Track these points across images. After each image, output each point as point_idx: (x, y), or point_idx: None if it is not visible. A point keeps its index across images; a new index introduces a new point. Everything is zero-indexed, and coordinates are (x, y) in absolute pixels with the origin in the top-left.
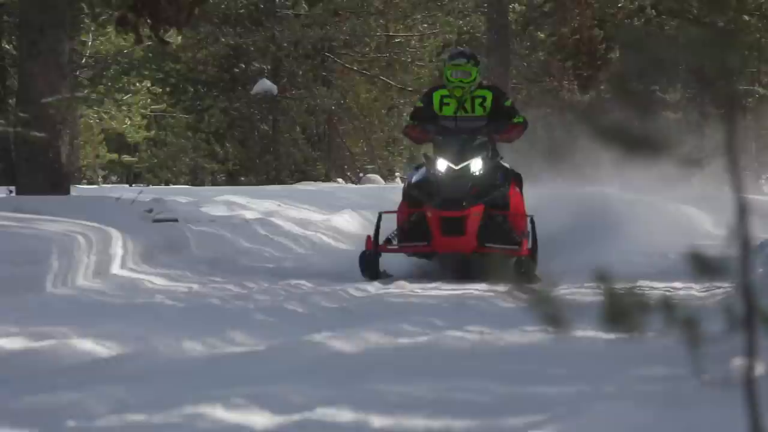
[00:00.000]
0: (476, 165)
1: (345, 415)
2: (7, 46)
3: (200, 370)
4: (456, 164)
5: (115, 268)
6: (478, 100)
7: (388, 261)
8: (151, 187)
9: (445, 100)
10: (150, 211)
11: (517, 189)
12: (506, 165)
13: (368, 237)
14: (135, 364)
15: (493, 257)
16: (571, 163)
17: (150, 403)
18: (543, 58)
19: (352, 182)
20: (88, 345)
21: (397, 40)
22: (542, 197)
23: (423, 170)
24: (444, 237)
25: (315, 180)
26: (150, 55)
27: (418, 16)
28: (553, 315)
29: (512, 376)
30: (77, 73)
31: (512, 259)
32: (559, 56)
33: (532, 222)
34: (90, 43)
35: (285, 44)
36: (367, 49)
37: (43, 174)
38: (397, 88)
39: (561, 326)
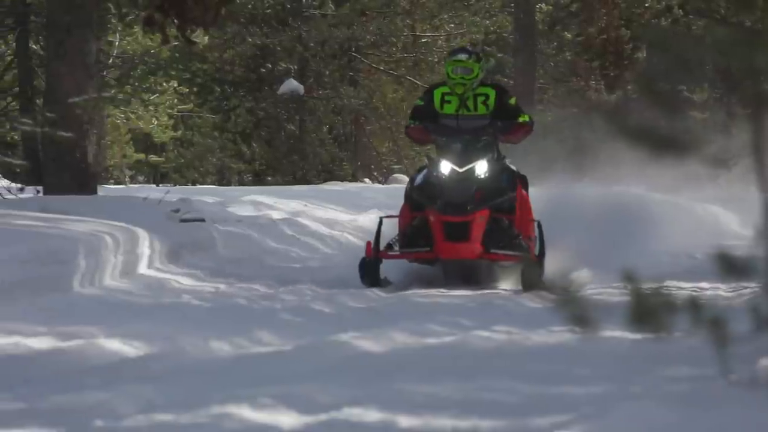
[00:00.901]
0: (481, 167)
1: (372, 415)
2: (34, 47)
3: (227, 370)
4: (460, 166)
5: (142, 268)
6: (480, 98)
7: (388, 267)
8: (177, 187)
9: (447, 98)
10: (177, 211)
11: (524, 192)
12: (512, 167)
13: (368, 243)
14: (162, 364)
15: (499, 264)
16: (597, 163)
17: (177, 403)
18: (569, 58)
19: (379, 182)
20: (115, 345)
21: (423, 40)
22: (568, 197)
23: (426, 172)
24: (447, 243)
25: (341, 180)
26: (177, 55)
27: (445, 16)
28: (580, 315)
29: (539, 376)
30: (104, 73)
31: (518, 266)
32: (586, 56)
33: (540, 226)
34: (117, 43)
35: (312, 44)
36: (394, 49)
37: (70, 174)
38: (423, 88)
39: (588, 326)
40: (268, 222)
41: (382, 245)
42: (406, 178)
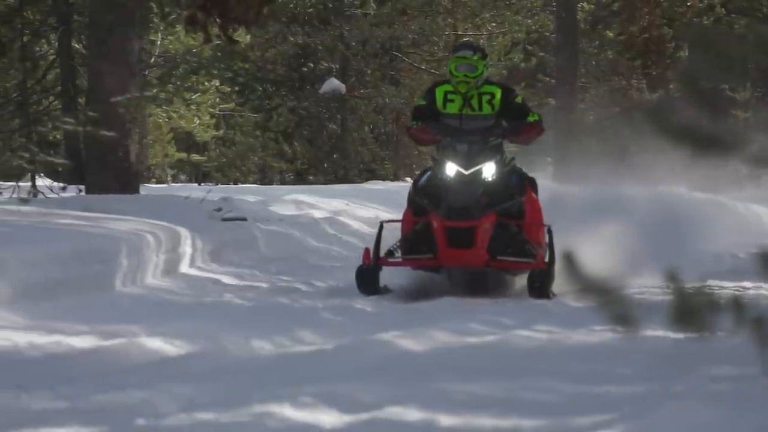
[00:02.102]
0: (489, 170)
1: (413, 414)
2: (76, 46)
3: (269, 369)
4: (466, 168)
5: (184, 267)
6: (485, 97)
7: (389, 275)
8: (219, 186)
9: (449, 97)
10: (219, 210)
11: (534, 195)
12: (521, 169)
13: (365, 249)
14: (203, 363)
15: (507, 272)
16: (639, 163)
17: (218, 402)
18: (611, 56)
19: None
20: (157, 344)
21: (465, 39)
22: (610, 197)
23: (430, 174)
24: (451, 249)
25: (383, 179)
26: (219, 54)
27: (487, 15)
28: (622, 314)
29: (580, 376)
30: (146, 72)
31: (526, 273)
32: (628, 55)
33: (550, 232)
34: (159, 42)
35: (353, 43)
36: (435, 48)
37: (113, 173)
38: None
39: (630, 326)
40: (309, 221)
41: (383, 251)
42: None
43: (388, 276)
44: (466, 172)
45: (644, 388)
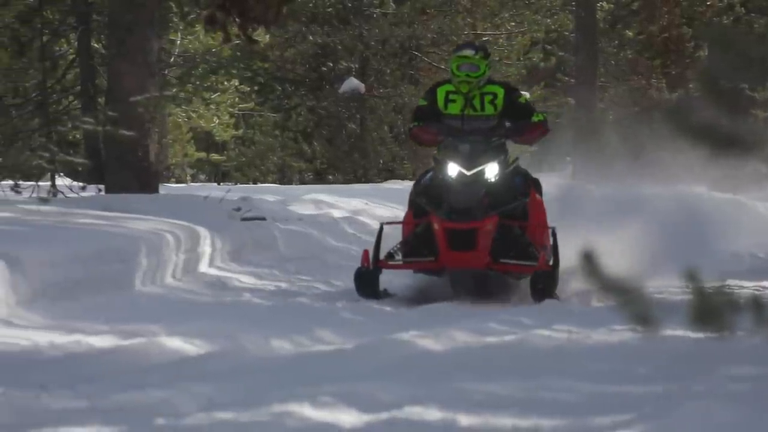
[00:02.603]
0: (491, 170)
1: (433, 414)
2: (96, 45)
3: (288, 368)
4: (468, 169)
5: (204, 267)
6: (488, 98)
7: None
8: (238, 185)
9: (451, 97)
10: (238, 209)
11: (538, 197)
12: (525, 169)
13: (364, 252)
14: (223, 363)
15: (510, 275)
16: (658, 162)
17: (238, 401)
18: (631, 56)
19: None
20: (176, 343)
21: (484, 39)
22: (629, 197)
23: (431, 175)
24: (452, 251)
25: (402, 178)
26: (238, 53)
27: (506, 15)
28: (642, 314)
29: (600, 376)
30: (165, 71)
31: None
32: (647, 54)
33: (554, 234)
34: (178, 41)
35: (372, 43)
36: (455, 47)
37: (132, 172)
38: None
39: (649, 325)
40: (329, 220)
41: (383, 254)
42: None
43: (388, 279)
44: (468, 173)
45: (663, 387)
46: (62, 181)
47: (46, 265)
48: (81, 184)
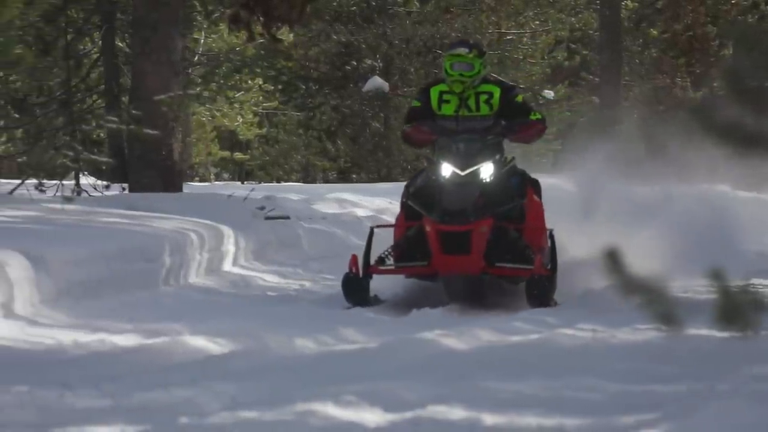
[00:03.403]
0: (486, 170)
1: (457, 413)
2: (120, 44)
3: (312, 367)
4: (462, 169)
5: (227, 266)
6: (483, 97)
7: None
8: (262, 184)
9: (445, 97)
10: (262, 208)
11: (537, 198)
12: (522, 169)
13: (353, 257)
14: (246, 361)
15: (507, 279)
16: (683, 161)
17: (262, 400)
18: (655, 55)
19: None
20: (200, 342)
21: (508, 37)
22: (653, 195)
23: (424, 176)
24: (445, 255)
25: None
26: (262, 52)
27: (530, 13)
28: (666, 313)
29: (624, 375)
30: (189, 70)
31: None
32: (672, 53)
33: (552, 237)
34: (202, 40)
35: (396, 41)
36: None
37: (156, 171)
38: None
39: (674, 324)
40: (352, 219)
41: (374, 258)
42: None
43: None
44: (463, 173)
45: (688, 387)
46: (86, 180)
47: (70, 264)
48: (105, 183)
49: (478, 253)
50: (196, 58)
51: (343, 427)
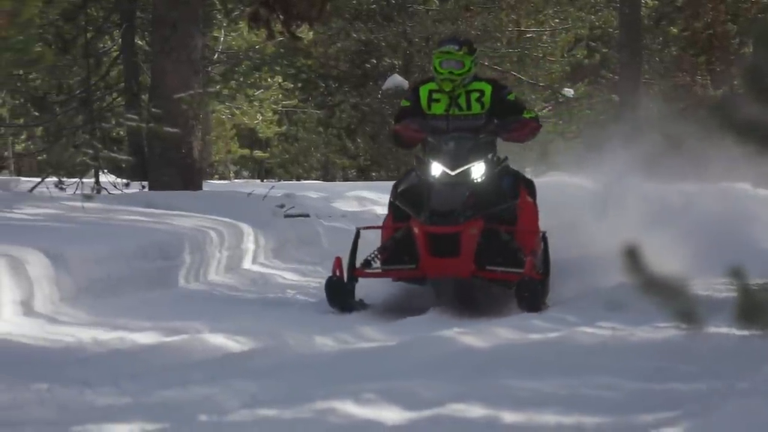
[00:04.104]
0: (478, 170)
1: (476, 411)
2: (140, 42)
3: (331, 365)
4: (452, 169)
5: (247, 264)
6: (474, 95)
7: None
8: (282, 182)
9: (435, 96)
10: (281, 206)
11: (530, 199)
12: (515, 169)
13: (336, 259)
14: (266, 359)
15: (498, 284)
16: (703, 159)
17: (281, 398)
18: (675, 53)
19: None
20: (219, 340)
21: (528, 35)
22: (674, 194)
23: (412, 176)
24: (433, 258)
25: None
26: (281, 50)
27: (550, 11)
28: (686, 311)
29: (644, 373)
30: (209, 68)
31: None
32: (692, 51)
33: (545, 239)
34: (222, 38)
35: (416, 40)
36: (498, 44)
37: (176, 169)
38: (528, 84)
39: (694, 323)
40: (372, 217)
41: (360, 261)
42: None
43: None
44: (452, 173)
45: (708, 385)
46: (106, 178)
47: (89, 262)
48: (125, 181)
49: (468, 256)
50: (215, 56)
51: (362, 425)
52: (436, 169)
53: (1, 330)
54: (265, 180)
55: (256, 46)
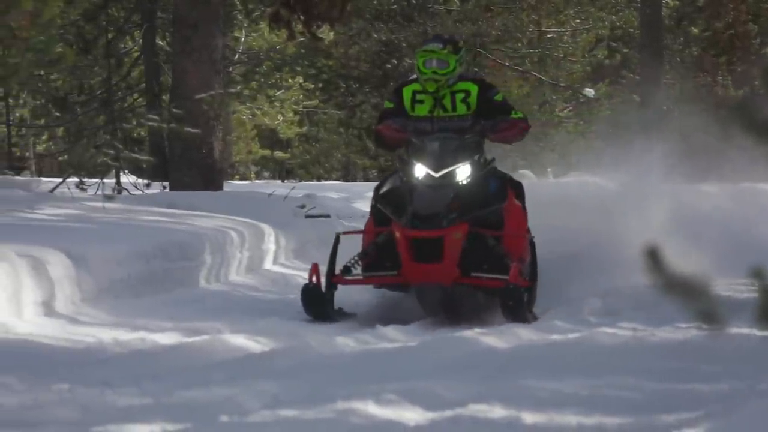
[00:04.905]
0: (463, 172)
1: (497, 412)
2: (161, 43)
3: (352, 366)
4: (436, 170)
5: (268, 264)
6: (459, 96)
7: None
8: (302, 182)
9: (418, 97)
10: (302, 206)
11: (518, 202)
12: (503, 172)
13: (313, 266)
14: (287, 360)
15: (483, 291)
16: (724, 160)
17: (302, 399)
18: (696, 53)
19: None
20: (240, 340)
21: (549, 36)
22: (695, 195)
23: (394, 177)
24: (415, 263)
25: None
26: (302, 51)
27: (571, 12)
28: (708, 312)
29: (665, 374)
30: (230, 69)
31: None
32: (713, 51)
33: (533, 245)
34: (243, 39)
35: None
36: (519, 44)
37: (197, 170)
38: (549, 84)
39: (715, 323)
40: None
41: (339, 268)
42: (531, 174)
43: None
44: (437, 175)
45: (729, 386)
46: (127, 179)
47: (110, 263)
48: (145, 181)
49: (452, 262)
50: (236, 56)
51: (383, 425)
52: (420, 170)
53: (23, 330)
54: (285, 180)
55: (277, 47)
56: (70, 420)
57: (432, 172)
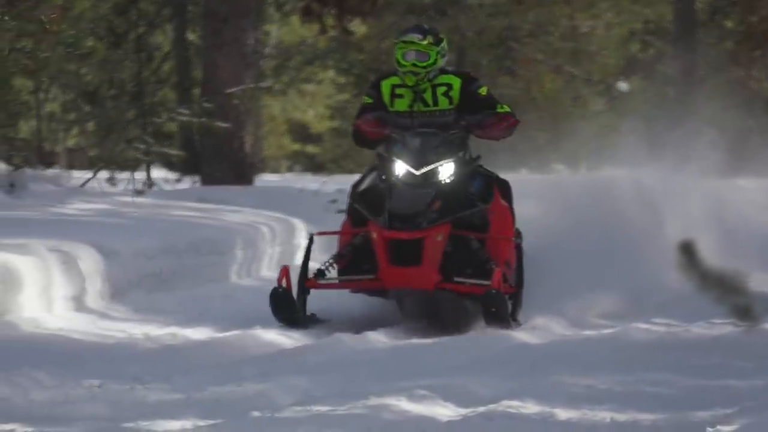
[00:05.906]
0: (446, 170)
1: (530, 407)
2: (191, 37)
3: (385, 362)
4: (417, 168)
5: (299, 259)
6: (441, 89)
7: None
8: (334, 177)
9: (398, 91)
10: (334, 201)
11: (504, 202)
12: (488, 170)
13: (283, 268)
14: (319, 355)
15: (467, 297)
16: (759, 154)
17: (334, 394)
18: (730, 47)
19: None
20: (272, 336)
21: (582, 30)
22: (728, 190)
23: (373, 175)
24: (393, 267)
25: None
26: (334, 45)
27: (604, 5)
28: (743, 307)
29: (699, 369)
30: (261, 63)
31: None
32: (748, 45)
33: (519, 249)
34: (274, 33)
35: (469, 33)
36: (552, 38)
37: (228, 164)
38: (582, 78)
39: (750, 319)
40: None
41: (313, 271)
42: (565, 169)
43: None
44: (417, 172)
45: (764, 382)
46: (158, 173)
47: (141, 257)
48: (176, 175)
49: (432, 265)
50: (267, 50)
51: (415, 421)
52: (400, 168)
53: (53, 326)
54: (317, 175)
55: (308, 41)
56: (101, 416)
57: (413, 170)
